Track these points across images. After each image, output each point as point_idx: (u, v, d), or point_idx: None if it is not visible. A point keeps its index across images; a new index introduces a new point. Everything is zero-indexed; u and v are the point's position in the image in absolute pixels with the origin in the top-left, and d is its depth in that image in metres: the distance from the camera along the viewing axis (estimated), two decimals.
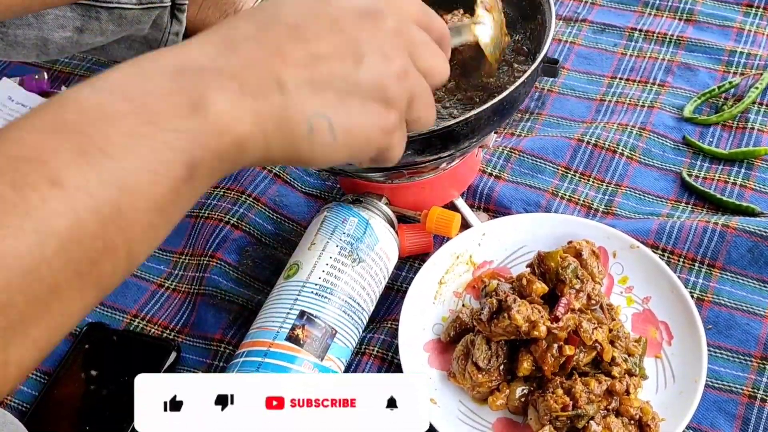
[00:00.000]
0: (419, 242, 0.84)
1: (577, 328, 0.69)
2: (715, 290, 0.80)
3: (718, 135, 0.96)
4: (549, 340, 0.69)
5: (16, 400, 0.81)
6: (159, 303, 0.88)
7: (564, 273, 0.73)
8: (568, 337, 0.69)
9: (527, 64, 0.81)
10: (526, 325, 0.68)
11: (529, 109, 1.03)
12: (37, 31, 0.96)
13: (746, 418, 0.71)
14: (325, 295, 0.74)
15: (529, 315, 0.68)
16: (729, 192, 0.90)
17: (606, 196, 0.91)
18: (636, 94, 1.02)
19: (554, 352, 0.69)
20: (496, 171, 0.94)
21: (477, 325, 0.72)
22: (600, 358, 0.70)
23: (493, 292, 0.73)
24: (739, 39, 1.07)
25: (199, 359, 0.82)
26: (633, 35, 1.10)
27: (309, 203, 0.95)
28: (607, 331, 0.71)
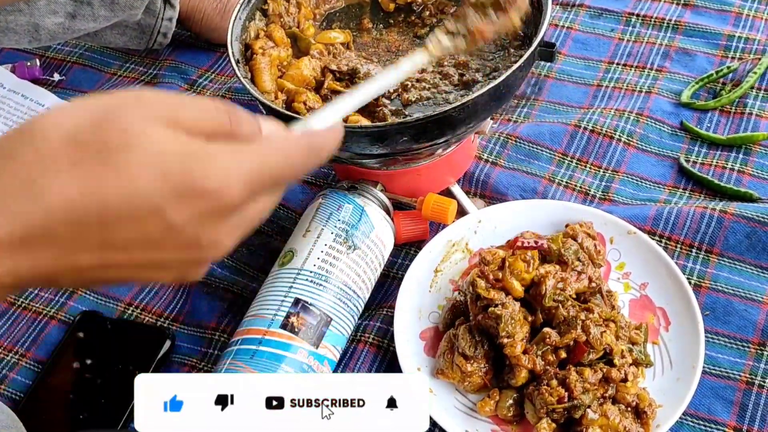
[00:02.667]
0: (415, 229, 0.84)
1: (587, 334, 0.68)
2: (713, 276, 0.79)
3: (716, 120, 0.95)
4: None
5: (9, 388, 0.80)
6: (153, 291, 0.87)
7: (566, 254, 0.73)
8: (576, 346, 0.69)
9: (524, 49, 0.80)
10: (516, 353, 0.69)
11: (525, 94, 1.02)
12: (29, 17, 0.95)
13: (743, 404, 0.71)
14: (320, 283, 0.73)
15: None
16: (727, 178, 0.89)
17: (603, 182, 0.91)
18: (633, 79, 1.01)
19: (554, 384, 0.68)
20: (493, 157, 0.93)
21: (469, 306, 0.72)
22: (609, 355, 0.70)
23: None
24: (737, 23, 1.06)
25: (194, 347, 0.81)
26: (630, 20, 1.09)
27: (304, 190, 0.94)
28: (613, 328, 0.70)
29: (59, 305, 0.87)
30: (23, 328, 0.86)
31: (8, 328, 0.86)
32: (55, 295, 0.88)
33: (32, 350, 0.84)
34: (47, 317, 0.86)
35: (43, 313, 0.86)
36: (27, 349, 0.84)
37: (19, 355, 0.83)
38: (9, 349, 0.84)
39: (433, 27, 0.86)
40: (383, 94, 0.79)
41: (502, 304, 0.70)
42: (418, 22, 0.88)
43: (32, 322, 0.86)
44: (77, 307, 0.86)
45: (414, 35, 0.87)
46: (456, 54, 0.78)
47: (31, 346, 0.84)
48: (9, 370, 0.82)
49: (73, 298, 0.87)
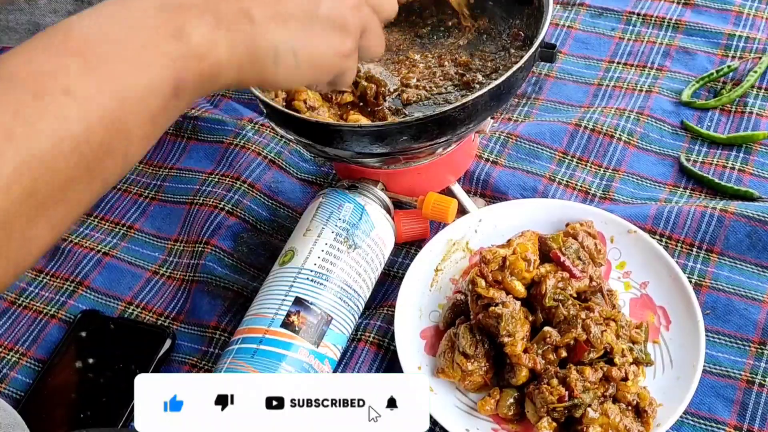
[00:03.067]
0: (415, 228, 0.84)
1: (587, 333, 0.68)
2: (713, 275, 0.79)
3: (716, 119, 0.95)
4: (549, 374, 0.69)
5: (10, 387, 0.81)
6: (154, 290, 0.87)
7: (567, 253, 0.73)
8: (576, 345, 0.69)
9: (524, 49, 0.80)
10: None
11: (526, 94, 1.02)
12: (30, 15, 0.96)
13: (744, 403, 0.71)
14: (321, 282, 0.73)
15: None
16: (727, 177, 0.89)
17: (603, 181, 0.91)
18: (634, 78, 1.01)
19: (555, 383, 0.68)
20: (493, 156, 0.93)
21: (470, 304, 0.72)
22: (610, 354, 0.70)
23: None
24: (737, 22, 1.06)
25: (194, 346, 0.81)
26: (631, 19, 1.09)
27: (304, 189, 0.94)
28: (614, 327, 0.70)
29: (60, 304, 0.87)
30: (24, 327, 0.86)
31: (9, 326, 0.86)
32: (56, 294, 0.88)
33: (33, 349, 0.84)
34: (48, 316, 0.86)
35: (44, 312, 0.86)
36: (28, 348, 0.84)
37: (20, 354, 0.83)
38: (10, 348, 0.84)
39: (434, 26, 0.86)
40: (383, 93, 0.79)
41: (502, 303, 0.70)
42: (419, 21, 0.88)
43: (33, 321, 0.86)
44: (78, 306, 0.86)
45: (415, 35, 0.87)
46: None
47: (31, 345, 0.84)
48: (10, 369, 0.82)
49: (73, 297, 0.87)
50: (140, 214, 0.95)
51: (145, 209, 0.95)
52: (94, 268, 0.90)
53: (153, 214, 0.95)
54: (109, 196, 0.97)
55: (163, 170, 0.99)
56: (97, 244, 0.92)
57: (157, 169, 0.99)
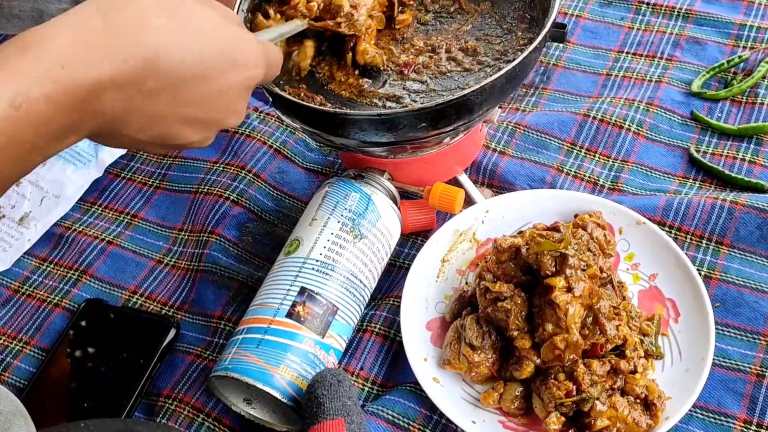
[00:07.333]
0: (422, 218, 0.83)
1: (602, 332, 0.68)
2: (723, 267, 0.79)
3: (726, 110, 0.94)
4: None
5: (13, 376, 0.80)
6: (158, 279, 0.87)
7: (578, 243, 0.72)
8: (591, 347, 0.68)
9: (531, 31, 0.79)
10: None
11: (534, 83, 1.01)
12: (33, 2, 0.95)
13: (754, 396, 0.70)
14: (326, 272, 0.72)
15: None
16: (738, 168, 0.88)
17: (612, 172, 0.90)
18: (643, 68, 1.00)
19: (561, 377, 0.67)
20: (501, 146, 0.92)
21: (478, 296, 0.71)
22: (622, 347, 0.69)
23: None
24: (749, 12, 1.05)
25: (199, 336, 0.81)
26: (640, 8, 1.07)
27: (310, 179, 0.93)
28: (625, 318, 0.69)
29: (63, 293, 0.86)
30: (27, 315, 0.85)
31: (12, 315, 0.85)
32: (59, 283, 0.87)
33: (36, 338, 0.83)
34: (51, 305, 0.86)
35: (48, 300, 0.86)
36: (31, 337, 0.83)
37: (23, 342, 0.83)
38: (13, 337, 0.84)
39: (436, 13, 0.85)
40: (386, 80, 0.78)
41: (510, 297, 0.69)
42: (421, 8, 0.87)
43: (36, 310, 0.86)
44: (82, 295, 0.86)
45: (418, 21, 0.86)
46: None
47: (35, 334, 0.83)
48: (13, 357, 0.82)
49: (77, 286, 0.87)
50: (144, 203, 0.94)
51: (150, 198, 0.95)
52: (98, 257, 0.89)
53: (157, 202, 0.94)
54: (113, 184, 0.96)
55: (168, 159, 0.98)
56: (101, 233, 0.91)
57: (162, 157, 0.98)
